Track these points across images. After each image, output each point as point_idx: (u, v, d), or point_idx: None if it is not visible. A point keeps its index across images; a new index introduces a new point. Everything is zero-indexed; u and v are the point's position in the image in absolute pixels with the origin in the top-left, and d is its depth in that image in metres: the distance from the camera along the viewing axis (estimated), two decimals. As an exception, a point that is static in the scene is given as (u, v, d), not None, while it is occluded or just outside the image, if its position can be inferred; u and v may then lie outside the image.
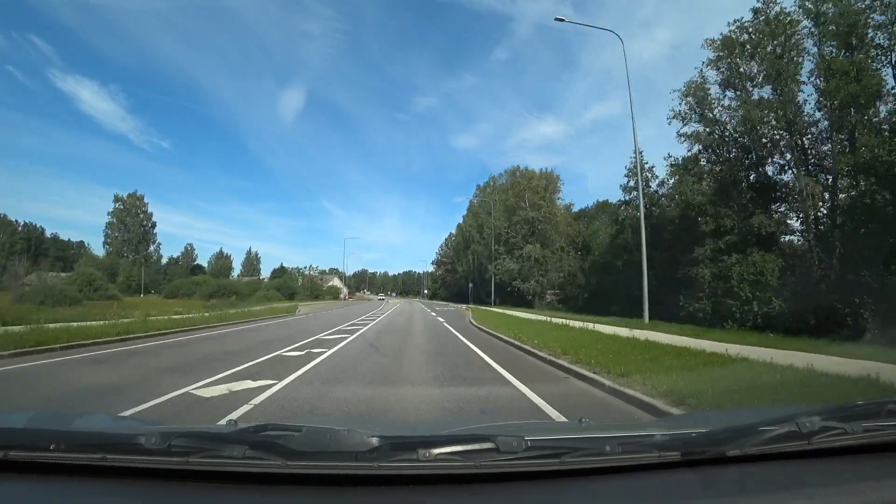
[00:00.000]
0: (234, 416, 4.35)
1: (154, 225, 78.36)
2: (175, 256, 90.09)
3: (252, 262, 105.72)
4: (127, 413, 4.34)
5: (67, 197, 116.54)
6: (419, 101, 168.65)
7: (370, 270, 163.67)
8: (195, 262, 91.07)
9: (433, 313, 28.94)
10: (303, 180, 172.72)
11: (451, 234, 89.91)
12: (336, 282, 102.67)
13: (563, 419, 4.46)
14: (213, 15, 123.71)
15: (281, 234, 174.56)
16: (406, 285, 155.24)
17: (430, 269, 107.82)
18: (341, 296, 79.44)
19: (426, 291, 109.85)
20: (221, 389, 5.67)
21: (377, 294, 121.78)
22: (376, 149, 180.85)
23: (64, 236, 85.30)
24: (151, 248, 78.25)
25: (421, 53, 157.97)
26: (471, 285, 58.07)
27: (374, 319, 21.80)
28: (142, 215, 76.57)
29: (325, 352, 9.47)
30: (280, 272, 78.87)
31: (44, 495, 1.09)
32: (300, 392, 5.66)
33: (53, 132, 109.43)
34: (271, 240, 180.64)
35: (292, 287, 59.80)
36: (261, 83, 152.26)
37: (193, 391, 5.54)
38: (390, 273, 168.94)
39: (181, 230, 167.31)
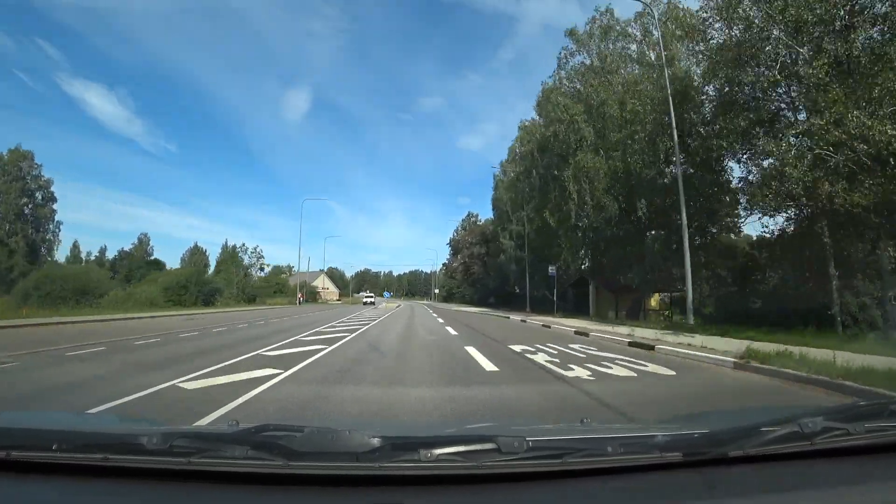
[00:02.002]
0: None
1: (52, 198, 51.85)
2: (126, 249, 66.57)
3: (228, 257, 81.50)
4: None
5: (69, 199, 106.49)
6: (424, 101, 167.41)
7: (373, 270, 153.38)
8: (151, 257, 66.24)
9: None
10: (307, 181, 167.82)
11: (468, 213, 65.66)
12: (325, 281, 77.82)
13: None
14: (218, 16, 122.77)
15: (285, 234, 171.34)
16: (412, 286, 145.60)
17: (445, 259, 76.53)
18: (332, 299, 55.41)
19: (437, 291, 77.41)
20: None
21: (365, 294, 79.22)
22: (380, 150, 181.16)
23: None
24: (50, 227, 53.08)
25: (426, 53, 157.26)
26: (552, 270, 26.33)
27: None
28: (30, 181, 52.02)
29: None
30: (227, 261, 53.52)
31: (46, 495, 1.08)
32: None
33: (61, 135, 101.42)
34: (275, 240, 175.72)
35: (212, 284, 36.17)
36: (266, 84, 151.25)
37: None
38: (395, 273, 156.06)
39: (185, 231, 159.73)
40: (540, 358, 7.97)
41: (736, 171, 16.49)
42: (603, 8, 22.56)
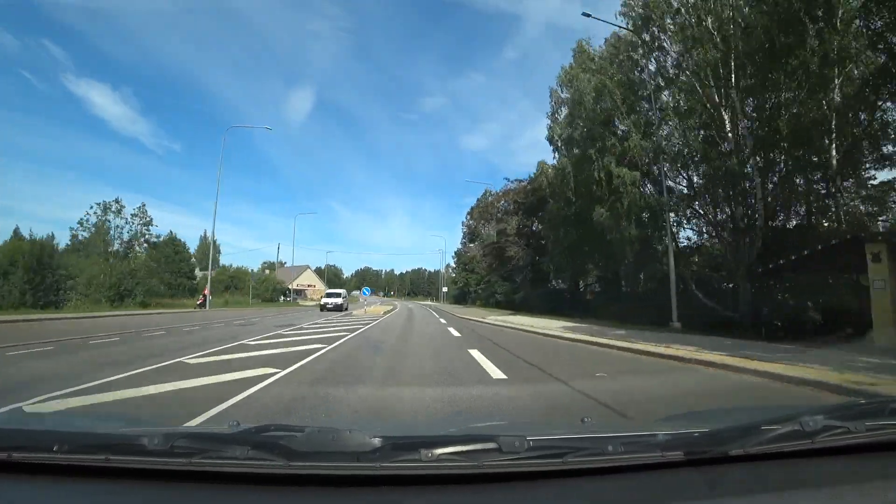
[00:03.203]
0: None
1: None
2: (83, 238, 57.42)
3: (207, 250, 73.03)
4: None
5: (68, 198, 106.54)
6: (426, 101, 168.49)
7: (374, 268, 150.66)
8: (112, 248, 54.33)
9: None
10: (309, 181, 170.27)
11: (485, 191, 47.47)
12: (310, 277, 75.88)
13: None
14: (221, 16, 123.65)
15: (287, 234, 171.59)
16: (415, 285, 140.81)
17: (456, 248, 62.41)
18: (319, 299, 49.48)
19: (445, 290, 61.62)
20: None
21: (327, 292, 38.76)
22: (383, 149, 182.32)
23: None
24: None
25: (429, 53, 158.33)
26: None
27: None
28: None
29: None
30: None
31: (47, 496, 1.08)
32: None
33: (66, 136, 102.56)
34: (275, 240, 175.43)
35: (60, 271, 24.19)
36: (269, 84, 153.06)
37: None
38: (396, 271, 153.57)
39: (189, 231, 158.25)
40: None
41: None
42: None
